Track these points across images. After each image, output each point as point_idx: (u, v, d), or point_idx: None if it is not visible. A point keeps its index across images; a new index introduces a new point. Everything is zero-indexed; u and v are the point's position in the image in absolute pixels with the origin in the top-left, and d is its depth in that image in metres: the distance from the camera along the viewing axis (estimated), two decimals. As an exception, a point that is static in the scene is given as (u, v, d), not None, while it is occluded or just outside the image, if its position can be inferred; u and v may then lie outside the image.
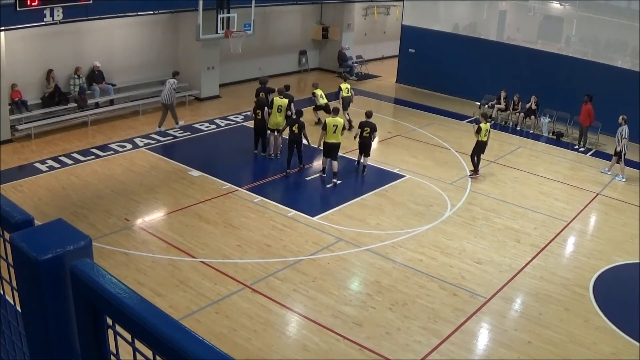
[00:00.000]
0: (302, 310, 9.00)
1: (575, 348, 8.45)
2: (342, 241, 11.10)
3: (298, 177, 14.18)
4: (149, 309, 1.18)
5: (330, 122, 13.51)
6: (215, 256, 10.30)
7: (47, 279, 1.33)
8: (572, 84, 18.75)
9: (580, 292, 9.93)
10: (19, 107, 15.30)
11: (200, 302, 8.93)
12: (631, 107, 16.74)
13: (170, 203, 12.34)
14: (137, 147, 15.22)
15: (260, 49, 21.56)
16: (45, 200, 12.00)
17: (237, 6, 17.48)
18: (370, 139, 14.07)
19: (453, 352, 8.23)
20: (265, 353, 7.95)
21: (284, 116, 14.56)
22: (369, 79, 24.35)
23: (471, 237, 11.60)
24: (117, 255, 10.09)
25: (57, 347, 1.40)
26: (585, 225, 12.93)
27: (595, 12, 20.15)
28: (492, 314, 9.21)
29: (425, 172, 14.66)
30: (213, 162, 14.95)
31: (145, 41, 18.61)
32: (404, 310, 9.10)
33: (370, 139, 14.09)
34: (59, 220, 1.46)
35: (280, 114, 14.53)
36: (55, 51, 16.14)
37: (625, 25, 18.91)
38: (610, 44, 20.18)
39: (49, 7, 13.64)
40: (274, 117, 14.54)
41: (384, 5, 27.55)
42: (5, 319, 1.78)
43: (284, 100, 14.65)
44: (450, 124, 18.89)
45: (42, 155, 14.26)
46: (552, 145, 17.75)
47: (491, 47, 21.46)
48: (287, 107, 14.64)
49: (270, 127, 14.76)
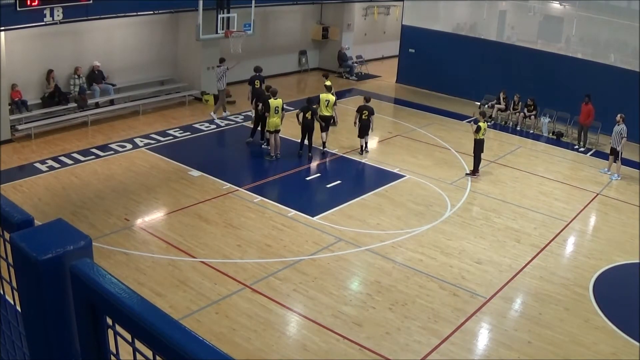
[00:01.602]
0: (302, 310, 9.00)
1: (575, 348, 8.45)
2: (342, 241, 11.11)
3: (298, 177, 14.18)
4: (149, 309, 1.18)
5: (323, 97, 15.50)
6: (215, 256, 10.30)
7: (47, 279, 1.33)
8: (572, 84, 18.75)
9: (580, 292, 9.93)
10: (19, 107, 15.31)
11: (200, 302, 8.93)
12: (631, 107, 16.75)
13: (170, 203, 12.34)
14: (137, 147, 15.22)
15: (260, 49, 21.56)
16: (45, 200, 12.00)
17: (237, 6, 17.48)
18: (369, 121, 15.21)
19: (453, 352, 8.23)
20: (265, 353, 7.95)
21: (280, 116, 14.58)
22: (369, 79, 24.34)
23: (471, 237, 11.60)
24: (117, 255, 10.09)
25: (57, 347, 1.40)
26: (585, 225, 12.93)
27: (595, 12, 20.15)
28: (492, 314, 9.21)
29: (425, 172, 14.66)
30: (213, 162, 14.95)
31: (145, 41, 18.61)
32: (404, 310, 9.10)
33: (369, 121, 15.21)
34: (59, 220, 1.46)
35: (277, 115, 14.52)
36: (55, 51, 16.15)
37: (625, 25, 18.91)
38: (610, 44, 20.17)
39: (49, 7, 13.64)
40: (272, 118, 14.54)
41: (384, 5, 27.55)
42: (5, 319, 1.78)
43: (278, 100, 14.63)
44: (450, 124, 18.89)
45: (42, 155, 14.26)
46: (552, 145, 17.75)
47: (491, 47, 21.46)
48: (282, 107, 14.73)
49: (269, 130, 14.78)
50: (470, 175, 14.51)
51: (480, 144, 14.39)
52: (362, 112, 15.17)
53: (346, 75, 24.30)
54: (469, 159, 14.88)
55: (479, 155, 14.52)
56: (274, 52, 23.00)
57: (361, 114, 15.19)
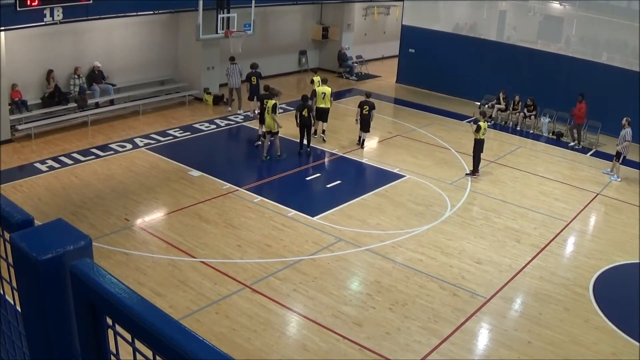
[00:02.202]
0: (302, 310, 9.00)
1: (575, 348, 8.45)
2: (342, 241, 11.10)
3: (298, 177, 14.18)
4: (149, 309, 1.18)
5: (319, 90, 16.05)
6: (215, 256, 10.30)
7: (47, 279, 1.33)
8: (572, 84, 18.74)
9: (580, 292, 9.93)
10: (19, 107, 15.31)
11: (200, 302, 8.93)
12: (631, 107, 16.74)
13: (170, 203, 12.34)
14: (137, 147, 15.22)
15: (260, 49, 21.55)
16: (45, 200, 12.00)
17: (237, 6, 17.48)
18: (369, 117, 15.79)
19: (453, 352, 8.23)
20: (265, 353, 7.95)
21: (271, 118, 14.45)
22: (369, 79, 24.34)
23: (471, 237, 11.60)
24: (117, 255, 10.09)
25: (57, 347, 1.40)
26: (585, 225, 12.93)
27: (595, 12, 20.14)
28: (492, 314, 9.21)
29: (425, 172, 14.66)
30: (213, 162, 14.96)
31: (145, 41, 18.61)
32: (404, 310, 9.10)
33: (370, 117, 15.79)
34: (59, 220, 1.46)
35: (269, 115, 14.45)
36: (55, 51, 16.15)
37: (625, 25, 18.91)
38: (610, 44, 20.17)
39: (49, 7, 13.64)
40: (266, 119, 14.51)
41: (384, 5, 27.55)
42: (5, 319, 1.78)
43: (271, 102, 14.58)
44: (450, 124, 18.89)
45: (42, 155, 14.26)
46: (552, 145, 17.75)
47: (491, 47, 21.46)
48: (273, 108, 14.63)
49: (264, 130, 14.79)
50: (470, 175, 14.51)
51: (480, 143, 14.40)
52: (363, 107, 15.75)
53: (346, 75, 24.31)
54: (469, 159, 14.88)
55: (479, 155, 14.52)
56: (273, 52, 23.00)
57: (362, 109, 15.73)
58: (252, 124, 17.55)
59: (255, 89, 17.16)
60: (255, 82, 17.36)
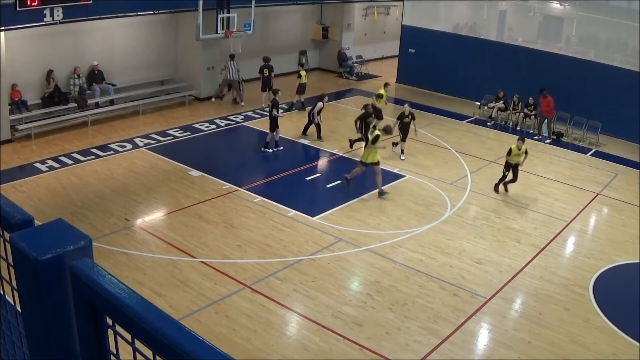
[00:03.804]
0: (302, 310, 9.00)
1: (575, 348, 8.45)
2: (342, 241, 11.10)
3: (298, 177, 14.18)
4: (149, 309, 1.18)
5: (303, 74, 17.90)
6: (215, 256, 10.30)
7: (47, 279, 1.33)
8: (572, 84, 18.75)
9: (580, 292, 9.93)
10: (19, 107, 15.30)
11: (200, 302, 8.93)
12: (631, 107, 16.74)
13: (170, 203, 12.34)
14: (137, 147, 15.22)
15: (260, 49, 21.53)
16: (45, 200, 12.00)
17: (237, 6, 17.47)
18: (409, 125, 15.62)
19: (453, 352, 8.23)
20: (265, 353, 7.95)
21: None
22: (369, 79, 24.32)
23: (471, 237, 11.60)
24: (117, 255, 10.09)
25: (57, 347, 1.40)
26: (585, 225, 12.93)
27: (595, 12, 20.15)
28: (492, 314, 9.21)
29: (425, 172, 14.66)
30: (213, 162, 14.95)
31: (145, 41, 18.61)
32: (404, 310, 9.10)
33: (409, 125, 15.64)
34: (59, 220, 1.46)
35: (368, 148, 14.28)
36: (55, 51, 16.14)
37: (625, 25, 18.91)
38: (610, 44, 20.17)
39: (49, 7, 13.64)
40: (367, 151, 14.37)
41: (384, 5, 27.54)
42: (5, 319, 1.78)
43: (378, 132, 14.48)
44: (450, 124, 18.88)
45: (42, 155, 14.26)
46: (552, 145, 17.74)
47: (491, 47, 21.46)
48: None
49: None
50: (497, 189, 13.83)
51: (507, 166, 13.61)
52: (404, 118, 15.56)
53: (346, 75, 24.31)
54: (469, 159, 14.87)
55: (504, 174, 13.67)
56: (273, 52, 22.87)
57: (402, 120, 15.55)
58: (252, 124, 17.57)
59: (267, 81, 18.50)
60: (267, 74, 18.57)
